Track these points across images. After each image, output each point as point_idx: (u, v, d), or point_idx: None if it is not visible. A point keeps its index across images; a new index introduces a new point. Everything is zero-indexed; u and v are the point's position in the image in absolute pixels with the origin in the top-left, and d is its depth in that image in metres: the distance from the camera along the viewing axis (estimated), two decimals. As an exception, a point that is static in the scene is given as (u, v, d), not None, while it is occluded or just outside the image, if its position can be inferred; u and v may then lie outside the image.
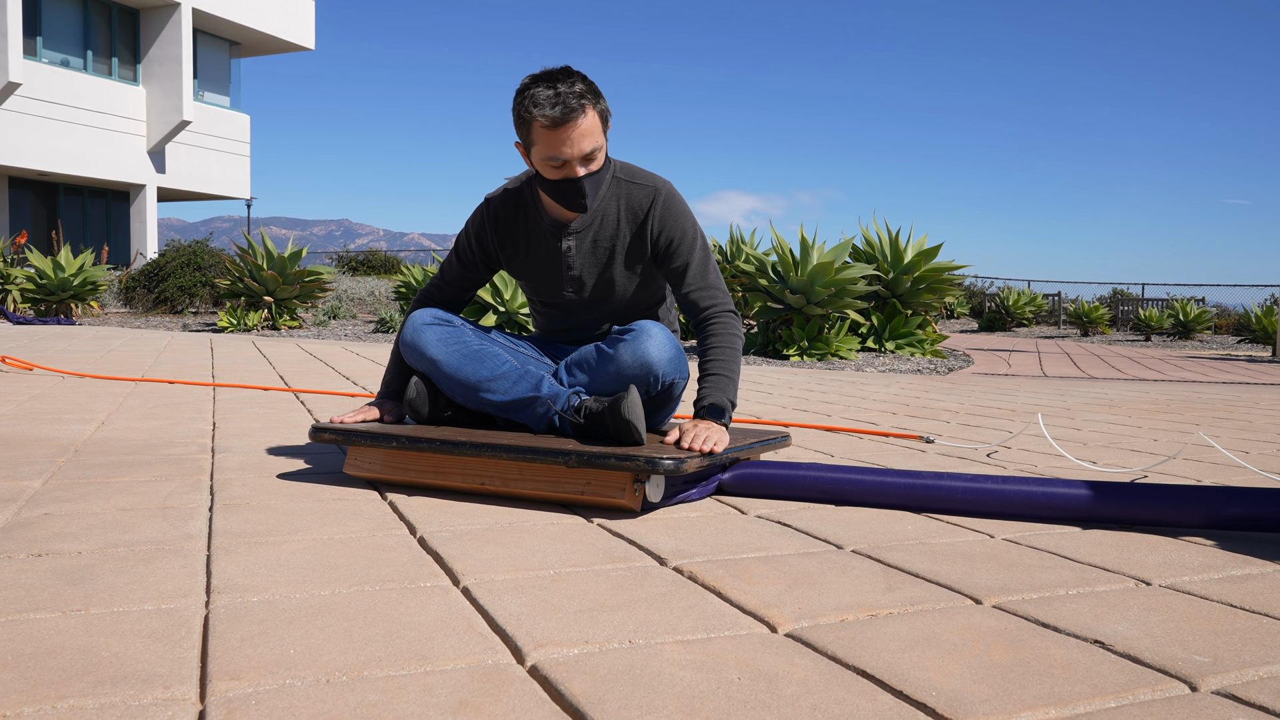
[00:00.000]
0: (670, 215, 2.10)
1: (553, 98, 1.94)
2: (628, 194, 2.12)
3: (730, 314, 2.12)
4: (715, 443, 1.86)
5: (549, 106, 1.93)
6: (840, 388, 4.96)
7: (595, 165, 2.02)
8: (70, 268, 11.16)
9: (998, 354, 9.93)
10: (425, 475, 1.95)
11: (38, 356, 5.30)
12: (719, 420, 1.99)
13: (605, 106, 2.03)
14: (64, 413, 3.09)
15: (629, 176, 2.13)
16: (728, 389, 2.03)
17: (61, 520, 1.68)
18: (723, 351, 2.06)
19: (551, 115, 1.93)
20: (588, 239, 2.12)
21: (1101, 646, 1.16)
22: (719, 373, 2.04)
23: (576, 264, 2.14)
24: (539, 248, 2.17)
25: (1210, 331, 18.02)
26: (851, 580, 1.42)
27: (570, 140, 1.96)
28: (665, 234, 2.11)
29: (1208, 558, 1.60)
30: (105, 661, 1.05)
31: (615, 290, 2.16)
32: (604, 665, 1.07)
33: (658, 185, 2.12)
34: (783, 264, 7.76)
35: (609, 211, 2.12)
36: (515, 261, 2.21)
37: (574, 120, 1.95)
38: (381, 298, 15.00)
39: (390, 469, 1.99)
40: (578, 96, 1.95)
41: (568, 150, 1.96)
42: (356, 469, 2.04)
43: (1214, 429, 3.46)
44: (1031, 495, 1.83)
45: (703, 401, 2.02)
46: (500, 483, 1.88)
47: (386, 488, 2.00)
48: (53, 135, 17.74)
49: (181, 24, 19.18)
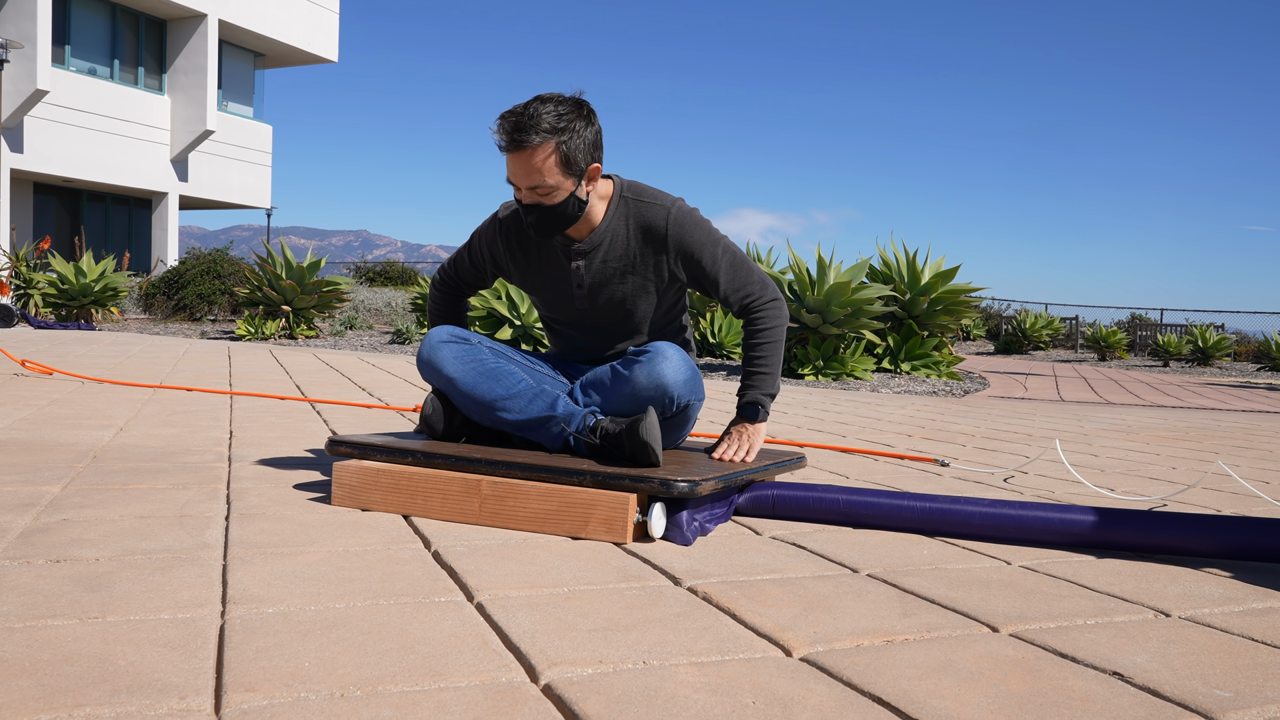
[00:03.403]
0: (686, 231, 2.09)
1: (512, 121, 1.91)
2: (638, 212, 2.09)
3: (770, 303, 2.13)
4: (749, 451, 2.06)
5: (504, 130, 1.92)
6: (855, 408, 4.94)
7: (547, 200, 1.97)
8: (92, 274, 11.26)
9: (1014, 377, 9.87)
10: (397, 505, 1.90)
11: (58, 361, 5.35)
12: (754, 420, 2.10)
13: (574, 148, 1.93)
14: (83, 418, 3.11)
15: (637, 195, 2.10)
16: (764, 384, 2.11)
17: (80, 526, 1.69)
18: (762, 347, 2.12)
19: (501, 139, 1.93)
20: (597, 258, 2.11)
21: (1120, 678, 1.15)
22: (757, 369, 2.11)
23: (586, 283, 2.14)
24: (549, 265, 2.17)
25: (1229, 358, 17.87)
26: (867, 605, 1.42)
27: (515, 168, 1.94)
28: (686, 250, 2.09)
29: (1227, 589, 1.59)
30: (122, 670, 1.05)
31: (625, 309, 2.16)
32: (618, 686, 1.07)
33: (668, 203, 2.09)
34: (799, 283, 7.75)
35: (618, 231, 2.10)
36: (526, 277, 2.22)
37: (520, 151, 1.91)
38: (398, 309, 15.06)
39: (361, 497, 1.93)
40: (536, 129, 1.89)
41: (514, 177, 1.96)
42: (343, 499, 1.95)
43: (1233, 458, 3.43)
44: (1049, 521, 1.82)
45: (741, 398, 2.12)
46: (490, 517, 1.82)
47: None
48: (78, 142, 17.94)
49: (208, 35, 19.40)
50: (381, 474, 1.91)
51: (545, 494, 1.79)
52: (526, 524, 1.80)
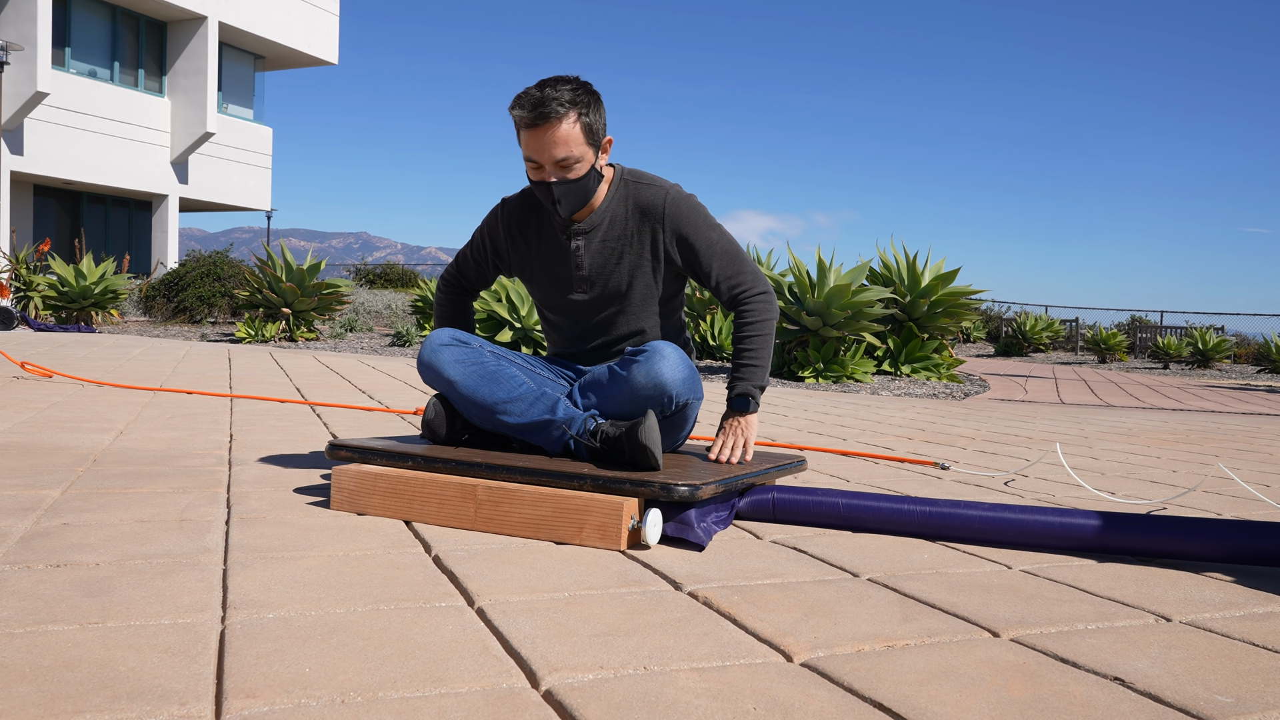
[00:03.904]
0: (683, 212, 2.13)
1: (533, 98, 1.96)
2: (636, 194, 2.14)
3: (760, 295, 2.15)
4: (744, 446, 2.06)
5: (526, 106, 1.96)
6: (856, 411, 4.94)
7: (571, 174, 2.02)
8: (92, 276, 11.27)
9: (1014, 379, 9.87)
10: (394, 510, 1.89)
11: (58, 364, 5.35)
12: (745, 411, 2.11)
13: (594, 119, 2.01)
14: (83, 421, 3.11)
15: (636, 178, 2.15)
16: (755, 376, 2.12)
17: (80, 531, 1.69)
18: (752, 340, 2.13)
19: (526, 115, 1.97)
20: (596, 238, 2.15)
21: (1122, 684, 1.15)
22: (747, 362, 2.13)
23: (585, 263, 2.16)
24: (549, 247, 2.20)
25: (1229, 360, 17.87)
26: (868, 609, 1.42)
27: (542, 143, 1.98)
28: (681, 232, 2.13)
29: (1228, 594, 1.59)
30: (122, 676, 1.05)
31: (623, 290, 2.17)
32: (619, 692, 1.07)
33: (667, 187, 2.14)
34: (799, 285, 7.75)
35: (617, 212, 2.14)
36: (526, 262, 2.24)
37: (547, 124, 1.96)
38: (398, 311, 15.06)
39: (359, 502, 1.92)
40: (559, 102, 1.95)
41: (539, 153, 1.99)
42: (342, 503, 1.94)
43: (1234, 461, 3.43)
44: (1049, 526, 1.82)
45: (731, 391, 2.13)
46: (485, 522, 1.81)
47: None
48: (78, 145, 17.95)
49: (208, 37, 19.42)
50: (379, 478, 1.91)
51: (540, 500, 1.77)
52: (521, 530, 1.79)
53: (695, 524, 1.77)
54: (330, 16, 22.21)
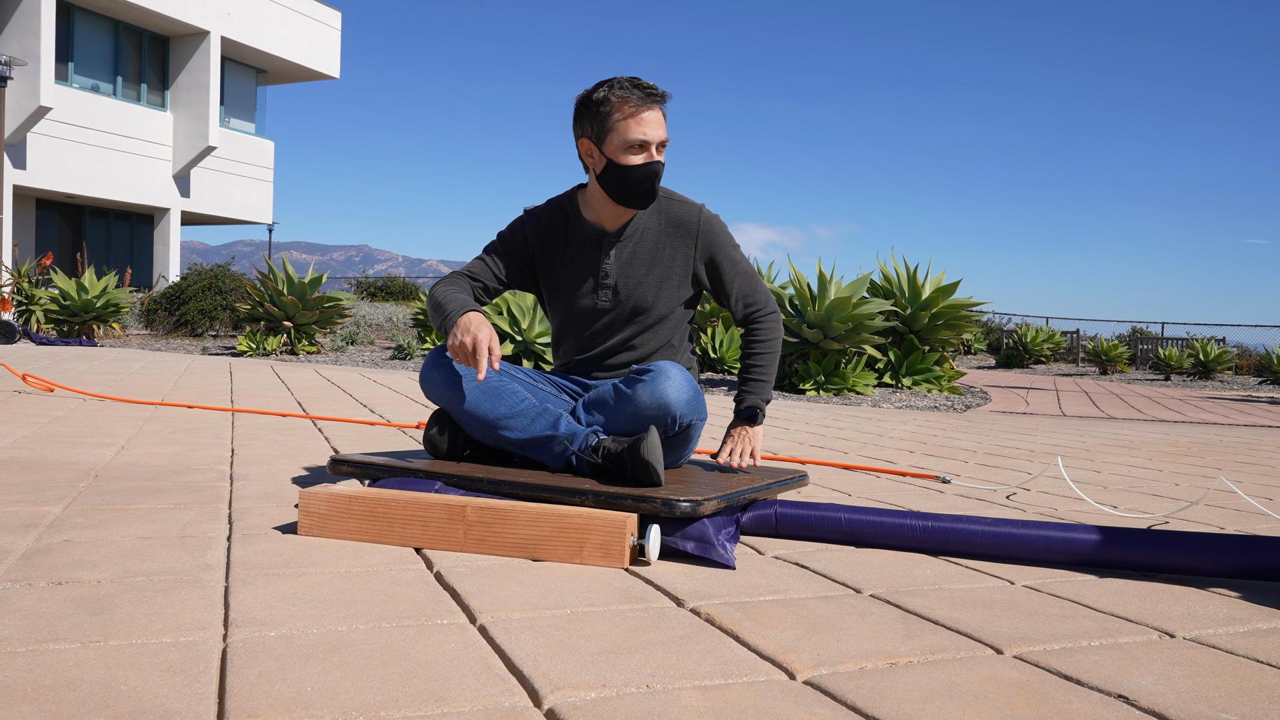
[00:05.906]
0: (715, 231, 2.23)
1: (642, 82, 2.08)
2: (668, 210, 2.22)
3: (771, 315, 2.28)
4: (752, 453, 2.18)
5: (638, 90, 2.06)
6: (857, 424, 4.94)
7: (662, 159, 2.11)
8: (94, 289, 11.28)
9: (1016, 392, 9.87)
10: (372, 534, 1.79)
11: (60, 378, 5.35)
12: (754, 423, 2.22)
13: None
14: (85, 436, 3.11)
15: (666, 194, 2.24)
16: (762, 390, 2.24)
17: (81, 548, 1.69)
18: (762, 356, 2.25)
19: (641, 95, 2.06)
20: (628, 248, 2.20)
21: (1126, 701, 1.15)
22: (756, 377, 2.24)
23: (613, 272, 2.18)
24: (578, 255, 2.23)
25: (1231, 372, 17.86)
26: (870, 626, 1.41)
27: (655, 122, 2.07)
28: (711, 251, 2.22)
29: (1232, 609, 1.58)
30: (124, 695, 1.05)
31: (647, 302, 2.21)
32: (621, 710, 1.06)
33: (697, 205, 2.24)
34: (800, 298, 7.76)
35: (649, 225, 2.21)
36: (551, 268, 2.25)
37: (662, 105, 2.09)
38: (399, 324, 15.07)
39: (331, 527, 1.82)
40: (658, 89, 2.08)
41: (652, 131, 2.07)
42: (311, 529, 1.83)
43: (1236, 474, 3.42)
44: (1052, 541, 1.82)
45: (740, 404, 2.23)
46: (475, 544, 1.74)
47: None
48: (81, 159, 18.00)
49: (210, 52, 19.50)
50: (354, 501, 1.78)
51: (536, 519, 1.70)
52: (516, 551, 1.71)
53: (717, 542, 1.72)
54: (332, 31, 22.31)
